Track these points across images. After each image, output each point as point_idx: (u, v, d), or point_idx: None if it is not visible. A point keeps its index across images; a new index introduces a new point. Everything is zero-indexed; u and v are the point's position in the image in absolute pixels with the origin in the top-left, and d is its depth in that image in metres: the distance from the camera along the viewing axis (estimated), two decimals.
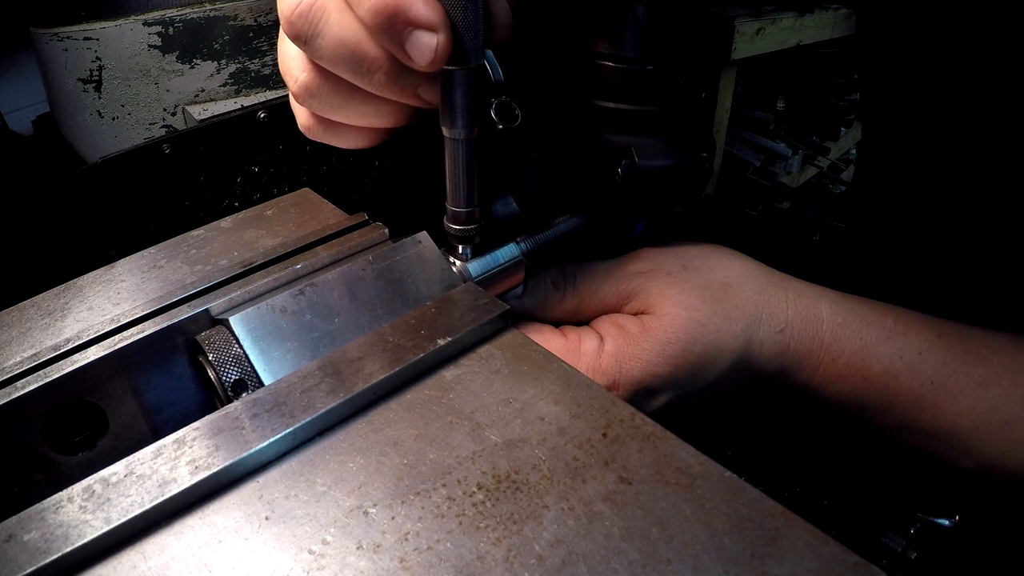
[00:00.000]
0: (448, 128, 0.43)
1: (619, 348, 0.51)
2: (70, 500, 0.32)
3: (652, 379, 0.50)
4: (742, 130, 1.08)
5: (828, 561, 0.29)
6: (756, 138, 1.11)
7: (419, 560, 0.30)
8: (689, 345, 0.50)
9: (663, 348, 0.50)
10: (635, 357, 0.50)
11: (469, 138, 0.44)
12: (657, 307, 0.51)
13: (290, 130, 0.74)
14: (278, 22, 0.41)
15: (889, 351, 0.52)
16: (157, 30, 0.78)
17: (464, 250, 0.49)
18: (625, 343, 0.51)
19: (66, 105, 0.86)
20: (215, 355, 0.40)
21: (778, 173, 1.16)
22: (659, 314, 0.51)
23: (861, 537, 0.54)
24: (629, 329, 0.51)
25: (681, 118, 0.53)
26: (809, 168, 1.25)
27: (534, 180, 0.58)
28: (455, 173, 0.45)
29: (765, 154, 1.12)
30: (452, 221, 0.47)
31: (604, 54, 0.50)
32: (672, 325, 0.50)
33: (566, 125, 0.54)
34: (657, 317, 0.51)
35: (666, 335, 0.50)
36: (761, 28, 0.99)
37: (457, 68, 0.40)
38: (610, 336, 0.51)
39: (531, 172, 0.58)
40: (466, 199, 0.46)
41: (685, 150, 0.53)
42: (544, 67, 0.55)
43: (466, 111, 0.42)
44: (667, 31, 0.50)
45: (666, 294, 0.52)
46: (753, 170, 1.10)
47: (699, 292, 0.52)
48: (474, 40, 0.39)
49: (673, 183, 0.53)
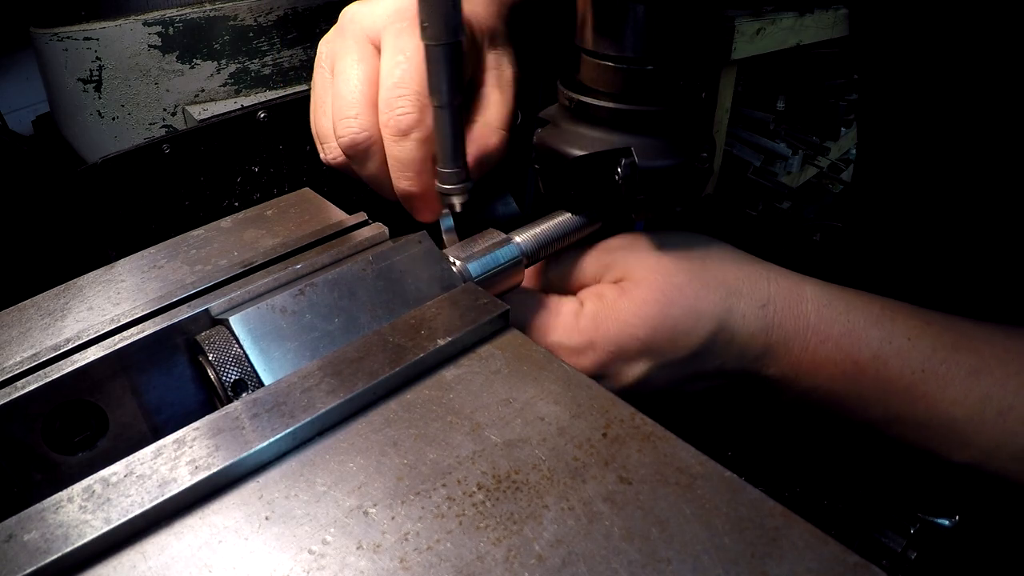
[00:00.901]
0: (435, 97, 0.48)
1: (597, 309, 0.51)
2: (70, 500, 0.32)
3: (630, 340, 0.50)
4: (742, 130, 1.08)
5: (828, 561, 0.29)
6: (756, 138, 1.11)
7: (419, 560, 0.30)
8: (667, 307, 0.50)
9: (639, 308, 0.50)
10: (612, 318, 0.50)
11: (452, 104, 0.49)
12: (635, 272, 0.52)
13: (290, 130, 0.74)
14: (278, 22, 0.42)
15: (878, 335, 0.51)
16: (157, 30, 0.78)
17: (445, 219, 0.52)
18: (603, 305, 0.51)
19: (66, 105, 0.86)
20: (215, 355, 0.40)
21: (778, 173, 1.16)
22: (637, 279, 0.52)
23: (861, 537, 0.54)
24: (607, 294, 0.52)
25: (681, 118, 0.53)
26: (809, 168, 1.25)
27: (534, 180, 0.58)
28: (442, 137, 0.50)
29: (765, 154, 1.12)
30: (441, 181, 0.51)
31: (604, 54, 0.50)
32: (650, 287, 0.51)
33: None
34: (634, 281, 0.52)
35: (643, 296, 0.50)
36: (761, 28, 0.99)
37: (432, 43, 0.46)
38: (589, 300, 0.52)
39: (531, 172, 0.58)
40: (452, 160, 0.50)
41: (685, 150, 0.53)
42: (544, 67, 0.55)
43: (448, 82, 0.48)
44: (667, 31, 0.50)
45: (645, 262, 0.52)
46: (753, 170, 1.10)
47: (677, 261, 0.52)
48: (449, 22, 0.45)
49: (673, 183, 0.53)
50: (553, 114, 0.56)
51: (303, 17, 0.81)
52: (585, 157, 0.52)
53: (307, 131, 0.59)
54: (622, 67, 0.50)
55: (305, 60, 0.82)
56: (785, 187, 1.27)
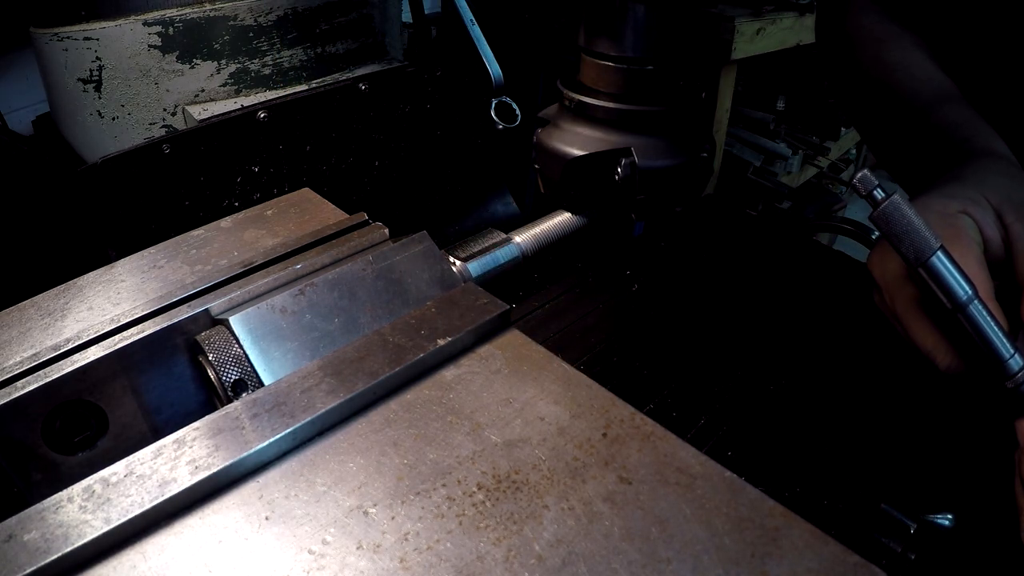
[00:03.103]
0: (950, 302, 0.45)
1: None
2: (70, 500, 0.32)
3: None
4: (742, 130, 1.08)
5: (828, 561, 0.29)
6: (756, 138, 1.11)
7: (419, 560, 0.30)
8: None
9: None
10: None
11: (971, 300, 0.45)
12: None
13: (290, 130, 0.74)
14: (278, 22, 0.42)
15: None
16: (157, 30, 0.78)
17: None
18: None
19: (66, 105, 0.86)
20: (215, 355, 0.40)
21: (778, 173, 1.16)
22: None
23: (861, 537, 0.54)
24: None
25: (681, 118, 0.53)
26: (809, 168, 1.26)
27: (534, 180, 0.58)
28: (980, 335, 0.46)
29: (765, 154, 1.12)
30: (1008, 375, 0.46)
31: (604, 54, 0.50)
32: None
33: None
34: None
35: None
36: (761, 28, 0.99)
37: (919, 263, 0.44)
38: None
39: (531, 172, 0.58)
40: (1005, 348, 0.46)
41: (685, 150, 0.53)
42: (544, 66, 0.55)
43: (954, 285, 0.45)
44: (667, 31, 0.50)
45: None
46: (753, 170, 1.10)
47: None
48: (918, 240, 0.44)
49: (673, 183, 0.53)
50: (553, 114, 0.56)
51: (303, 17, 0.81)
52: (585, 157, 0.52)
53: (307, 131, 0.59)
54: (622, 67, 0.50)
55: (305, 60, 0.82)
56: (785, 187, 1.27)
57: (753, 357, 0.72)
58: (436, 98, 0.84)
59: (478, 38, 0.78)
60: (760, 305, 0.80)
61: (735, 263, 0.88)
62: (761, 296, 0.82)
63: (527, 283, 0.82)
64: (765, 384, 0.68)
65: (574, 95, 0.53)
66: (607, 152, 0.51)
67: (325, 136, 0.77)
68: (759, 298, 0.81)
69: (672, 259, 0.88)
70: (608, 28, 0.50)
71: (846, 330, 0.76)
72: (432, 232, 0.48)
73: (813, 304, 0.81)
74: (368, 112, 0.80)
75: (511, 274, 0.53)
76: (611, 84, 0.52)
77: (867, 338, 0.73)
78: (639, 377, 0.69)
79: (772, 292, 0.83)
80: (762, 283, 0.84)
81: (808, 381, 0.69)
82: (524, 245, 0.53)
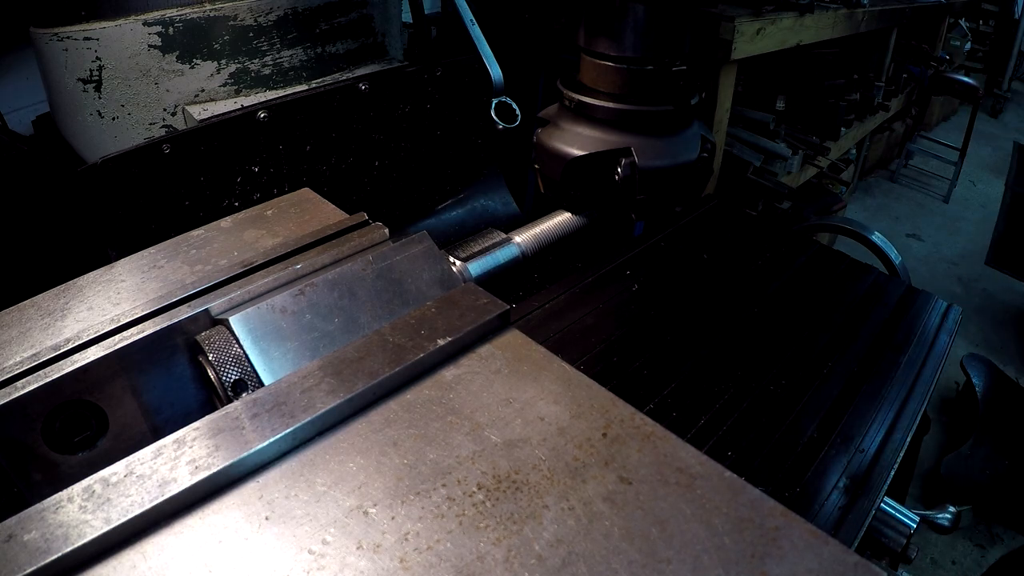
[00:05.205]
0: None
1: None
2: (70, 500, 0.32)
3: None
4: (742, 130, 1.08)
5: (828, 561, 0.29)
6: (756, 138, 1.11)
7: (419, 560, 0.30)
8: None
9: None
10: None
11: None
12: None
13: (290, 130, 0.74)
14: (278, 22, 0.42)
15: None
16: (157, 30, 0.78)
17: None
18: None
19: (66, 105, 0.86)
20: (215, 355, 0.40)
21: (778, 173, 1.16)
22: None
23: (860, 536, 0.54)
24: None
25: (680, 118, 0.53)
26: (809, 168, 1.25)
27: (534, 180, 0.58)
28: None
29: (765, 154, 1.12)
30: None
31: (604, 54, 0.50)
32: None
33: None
34: None
35: None
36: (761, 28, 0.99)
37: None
38: None
39: (531, 172, 0.58)
40: None
41: (684, 150, 0.53)
42: (544, 66, 0.55)
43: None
44: (667, 31, 0.50)
45: None
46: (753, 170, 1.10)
47: None
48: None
49: (673, 183, 0.53)
50: (553, 114, 0.56)
51: (303, 17, 0.81)
52: (585, 157, 0.52)
53: (307, 131, 0.59)
54: (622, 67, 0.50)
55: (305, 60, 0.82)
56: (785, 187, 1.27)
57: (753, 357, 0.72)
58: (436, 98, 0.84)
59: (478, 38, 0.78)
60: (760, 305, 0.80)
61: (735, 263, 0.88)
62: (761, 296, 0.82)
63: (527, 283, 0.82)
64: (765, 384, 0.69)
65: (574, 95, 0.53)
66: (607, 152, 0.52)
67: (325, 136, 0.77)
68: (759, 298, 0.81)
69: (672, 259, 0.88)
70: (608, 28, 0.50)
71: (846, 330, 0.76)
72: (432, 232, 0.48)
73: (813, 304, 0.81)
74: (368, 112, 0.80)
75: (511, 274, 0.53)
76: (611, 84, 0.52)
77: (867, 338, 0.73)
78: (639, 377, 0.69)
79: (772, 292, 0.83)
80: (762, 283, 0.84)
81: (808, 381, 0.69)
82: (524, 245, 0.53)
